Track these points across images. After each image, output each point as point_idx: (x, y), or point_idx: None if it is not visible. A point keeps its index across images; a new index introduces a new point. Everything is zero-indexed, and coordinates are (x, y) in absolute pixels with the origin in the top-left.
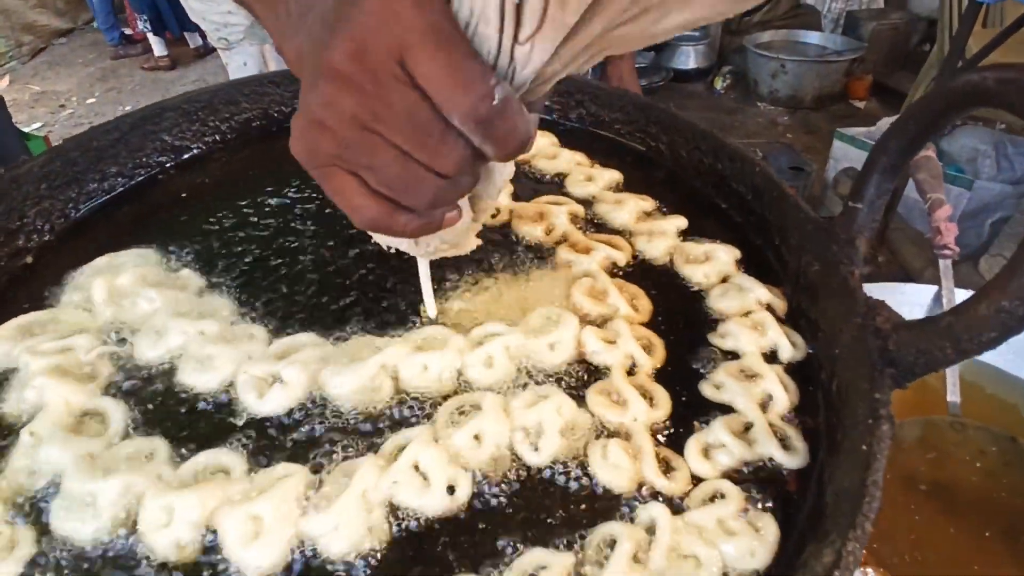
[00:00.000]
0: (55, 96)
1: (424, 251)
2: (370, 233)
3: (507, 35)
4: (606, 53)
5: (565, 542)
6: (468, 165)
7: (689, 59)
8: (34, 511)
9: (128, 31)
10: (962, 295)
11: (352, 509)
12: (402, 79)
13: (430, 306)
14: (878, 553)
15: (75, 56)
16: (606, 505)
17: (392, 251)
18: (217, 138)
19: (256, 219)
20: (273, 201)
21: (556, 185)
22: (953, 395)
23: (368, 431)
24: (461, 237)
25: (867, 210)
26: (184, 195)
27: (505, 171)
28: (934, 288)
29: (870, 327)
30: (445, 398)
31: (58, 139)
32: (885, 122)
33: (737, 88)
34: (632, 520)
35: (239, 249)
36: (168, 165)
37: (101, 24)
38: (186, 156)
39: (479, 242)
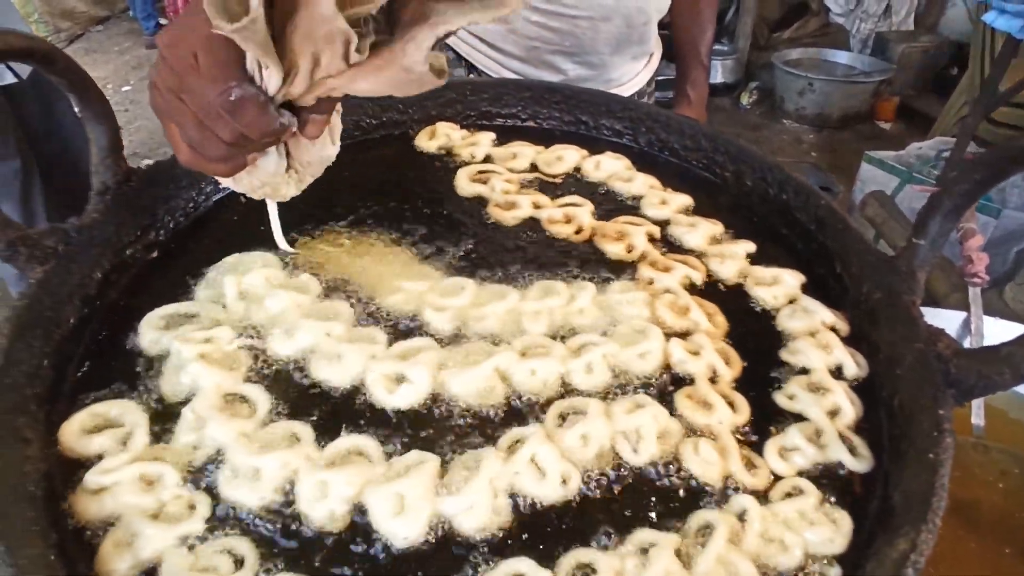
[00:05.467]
0: None
1: (242, 188)
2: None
3: (255, 62)
4: (337, 92)
5: (666, 526)
6: (240, 137)
7: (716, 73)
8: (204, 479)
9: (164, 21)
10: (989, 322)
11: (481, 493)
12: (195, 68)
13: (279, 238)
14: None
15: (111, 43)
16: (698, 496)
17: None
18: None
19: (352, 228)
20: (365, 211)
21: (632, 206)
22: (977, 418)
23: (485, 426)
24: (272, 181)
25: (929, 247)
26: (281, 204)
27: (312, 149)
28: (962, 314)
29: (932, 352)
30: (550, 399)
31: None
32: (914, 146)
33: (763, 104)
34: (723, 509)
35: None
36: None
37: (139, 13)
38: None
39: (296, 192)
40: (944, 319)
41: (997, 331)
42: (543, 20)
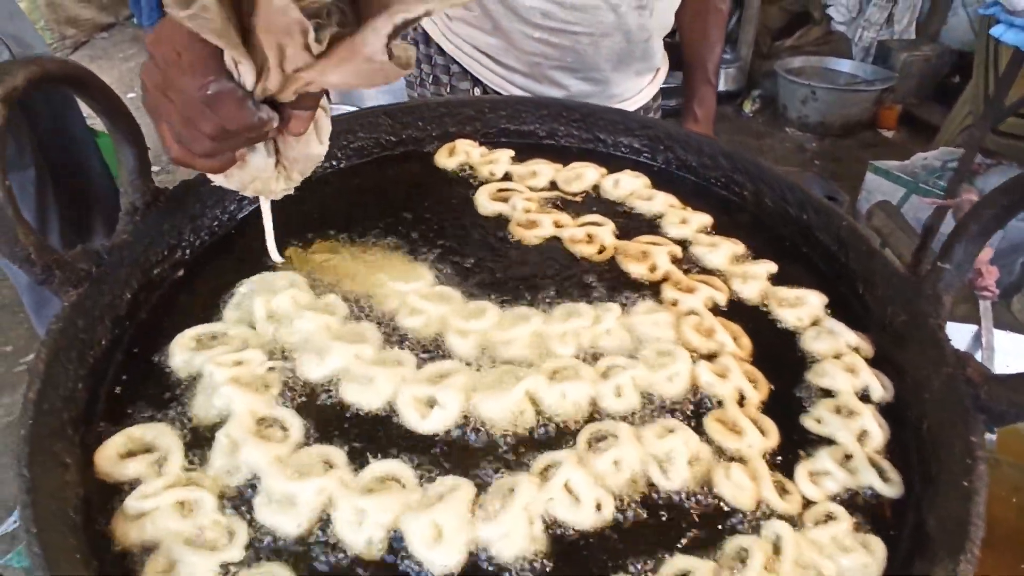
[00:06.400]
0: None
1: (234, 185)
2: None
3: (231, 59)
4: (312, 86)
5: (700, 552)
6: (222, 132)
7: (719, 81)
8: (240, 504)
9: None
10: (997, 335)
11: (517, 520)
12: (179, 65)
13: (271, 246)
14: None
15: (116, 50)
16: (731, 521)
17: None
18: (333, 163)
19: (371, 246)
20: (385, 229)
21: (653, 225)
22: (989, 433)
23: (517, 450)
24: (262, 176)
25: (955, 271)
26: (300, 218)
27: (298, 146)
28: (971, 328)
29: (961, 377)
30: (581, 422)
31: None
32: (919, 156)
33: (765, 112)
34: (757, 535)
35: (366, 275)
36: None
37: (145, 20)
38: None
39: (286, 188)
40: (955, 332)
41: (1006, 344)
42: (544, 36)
